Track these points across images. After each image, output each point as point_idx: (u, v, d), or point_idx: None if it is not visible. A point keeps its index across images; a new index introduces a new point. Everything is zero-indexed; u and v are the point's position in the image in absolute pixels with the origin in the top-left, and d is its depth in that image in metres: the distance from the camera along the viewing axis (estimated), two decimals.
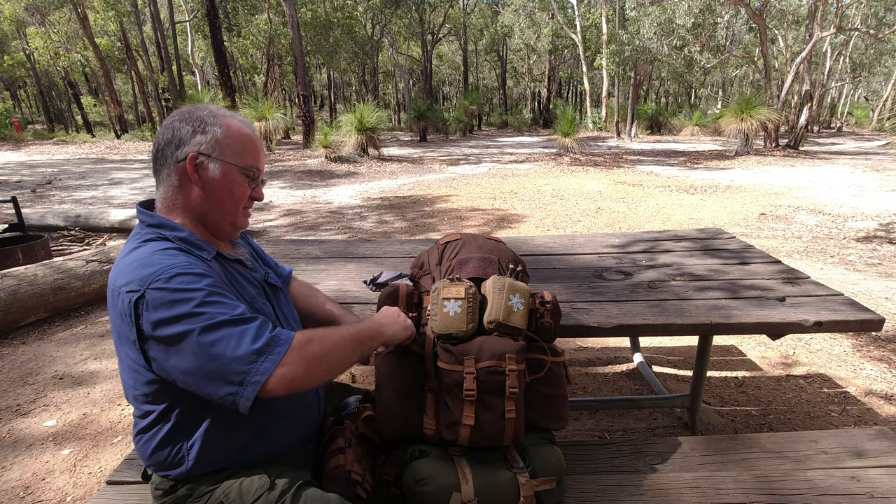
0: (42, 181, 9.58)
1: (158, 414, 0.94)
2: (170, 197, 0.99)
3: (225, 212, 1.02)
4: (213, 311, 0.85)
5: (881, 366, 2.62)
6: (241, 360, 0.83)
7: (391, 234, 5.70)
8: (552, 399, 1.20)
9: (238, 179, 1.00)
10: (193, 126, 0.97)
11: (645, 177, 9.76)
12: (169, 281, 0.85)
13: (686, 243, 2.19)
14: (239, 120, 1.02)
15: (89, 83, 31.38)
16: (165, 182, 0.99)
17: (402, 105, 35.04)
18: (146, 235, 0.95)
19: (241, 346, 0.84)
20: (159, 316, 0.83)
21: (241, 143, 1.00)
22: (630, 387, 2.46)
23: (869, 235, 5.22)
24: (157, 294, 0.84)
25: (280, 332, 0.90)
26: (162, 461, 0.97)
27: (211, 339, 0.83)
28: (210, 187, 0.98)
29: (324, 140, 12.48)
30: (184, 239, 0.96)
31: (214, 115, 0.99)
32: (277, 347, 0.86)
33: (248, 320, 0.87)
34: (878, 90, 34.44)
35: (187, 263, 0.89)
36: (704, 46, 16.10)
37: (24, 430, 2.20)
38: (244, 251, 1.14)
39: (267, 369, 0.84)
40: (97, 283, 3.57)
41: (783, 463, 1.30)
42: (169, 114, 1.05)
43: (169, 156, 0.97)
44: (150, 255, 0.89)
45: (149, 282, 0.84)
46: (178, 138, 0.97)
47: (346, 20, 23.30)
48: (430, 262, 1.37)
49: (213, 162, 0.97)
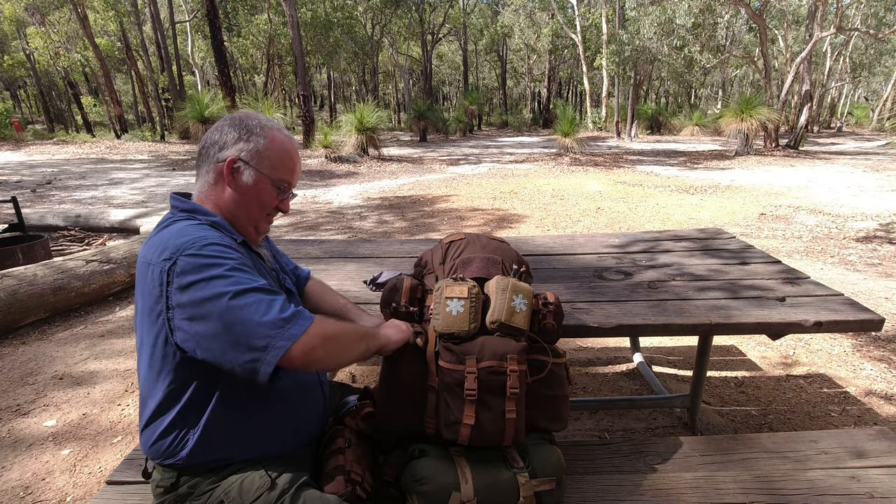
0: (42, 181, 9.58)
1: (168, 395, 0.96)
2: (205, 192, 1.05)
3: (250, 216, 1.06)
4: (243, 276, 0.90)
5: (881, 366, 2.62)
6: (269, 325, 0.87)
7: (391, 234, 5.70)
8: (553, 400, 1.20)
9: (268, 190, 1.05)
10: (239, 133, 1.03)
11: (645, 177, 9.76)
12: (202, 248, 0.90)
13: (686, 243, 2.19)
14: (284, 135, 1.07)
15: (89, 83, 31.37)
16: (203, 177, 1.05)
17: (402, 105, 35.04)
18: (178, 217, 1.00)
19: (270, 312, 0.88)
20: (190, 279, 0.87)
21: (279, 158, 1.05)
22: (630, 387, 2.46)
23: (869, 235, 5.22)
24: (188, 259, 0.88)
25: (302, 308, 0.95)
26: (164, 449, 0.98)
27: (241, 302, 0.87)
28: (241, 191, 1.03)
29: (324, 140, 12.48)
30: (215, 223, 1.01)
31: (262, 127, 1.04)
32: (302, 320, 0.91)
33: (275, 292, 0.93)
34: (878, 90, 34.45)
35: (220, 236, 0.95)
36: (704, 46, 16.09)
37: (24, 430, 2.20)
38: (265, 252, 1.17)
39: (293, 335, 0.88)
40: (97, 283, 3.57)
41: (783, 463, 1.30)
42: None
43: (212, 154, 1.03)
44: (182, 228, 0.95)
45: (182, 249, 0.89)
46: (223, 141, 1.03)
47: (346, 20, 23.29)
48: (433, 260, 1.37)
49: (249, 169, 1.03)
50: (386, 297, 1.26)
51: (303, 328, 0.90)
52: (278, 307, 0.90)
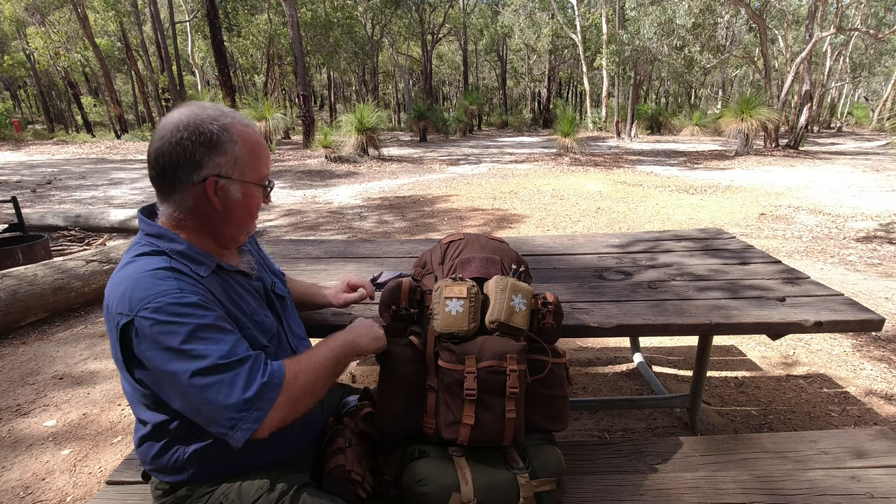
0: (42, 181, 9.58)
1: (158, 423, 0.94)
2: (177, 217, 0.95)
3: (242, 226, 1.01)
4: (202, 348, 0.83)
5: (881, 366, 2.62)
6: (232, 408, 0.83)
7: (391, 234, 5.70)
8: (553, 400, 1.20)
9: (256, 195, 1.00)
10: (208, 145, 0.90)
11: (645, 177, 9.75)
12: (157, 312, 0.82)
13: (686, 243, 2.19)
14: (245, 124, 0.97)
15: (89, 83, 31.38)
16: (177, 203, 0.94)
17: (402, 105, 35.03)
18: (142, 248, 0.93)
19: (232, 393, 0.83)
20: (149, 350, 0.83)
21: (254, 156, 0.96)
22: (630, 387, 2.46)
23: (869, 235, 5.22)
24: (145, 323, 0.82)
25: (272, 373, 0.88)
26: (162, 466, 0.97)
27: (201, 383, 0.82)
28: (231, 208, 0.96)
29: (324, 140, 12.49)
30: (181, 252, 0.92)
31: (226, 129, 0.92)
32: (269, 393, 0.86)
33: (239, 362, 0.85)
34: (878, 90, 34.45)
35: (178, 291, 0.85)
36: (704, 46, 16.09)
37: (24, 430, 2.20)
38: (250, 259, 1.10)
39: (258, 418, 0.84)
40: (97, 283, 3.57)
41: (783, 463, 1.30)
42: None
43: (184, 179, 0.91)
44: (140, 275, 0.86)
45: (137, 308, 0.83)
46: (194, 160, 0.90)
47: (346, 20, 23.30)
48: (432, 261, 1.37)
49: (235, 184, 0.94)
50: (385, 300, 1.26)
51: (269, 405, 0.85)
52: (241, 384, 0.83)
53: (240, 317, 0.96)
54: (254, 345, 0.95)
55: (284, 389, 0.88)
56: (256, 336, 0.98)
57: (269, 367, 0.89)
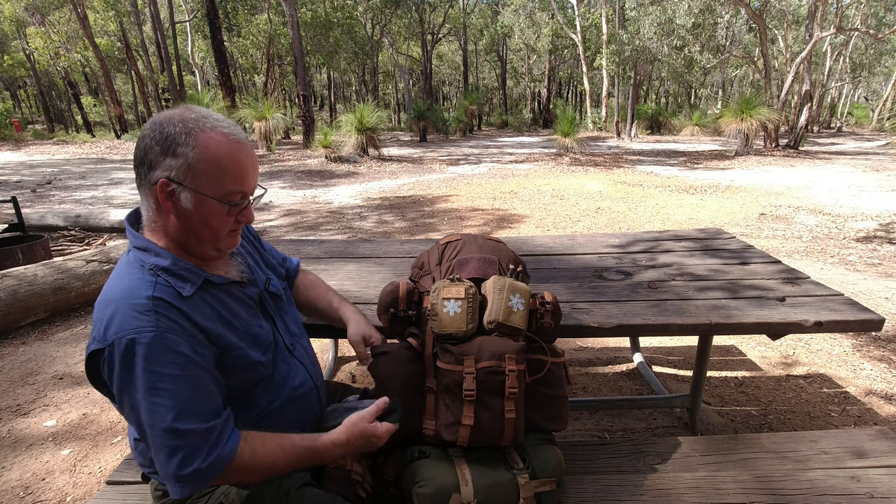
0: (42, 181, 9.58)
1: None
2: (150, 218, 0.91)
3: (203, 241, 0.91)
4: (158, 405, 0.81)
5: (881, 366, 2.62)
6: (164, 473, 0.83)
7: (391, 234, 5.70)
8: (552, 400, 1.20)
9: (216, 209, 0.88)
10: (162, 145, 0.84)
11: (645, 177, 9.75)
12: (128, 349, 0.80)
13: (686, 243, 2.19)
14: (221, 133, 0.87)
15: (89, 83, 31.38)
16: (145, 202, 0.90)
17: (402, 105, 35.03)
18: (129, 262, 0.89)
19: (168, 463, 0.81)
20: (113, 378, 0.82)
21: (218, 168, 0.86)
22: (630, 387, 2.46)
23: (869, 235, 5.22)
24: (114, 358, 0.81)
25: (216, 459, 0.83)
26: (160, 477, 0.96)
27: (152, 433, 0.81)
28: (184, 217, 0.88)
29: (324, 140, 12.48)
30: (165, 268, 0.88)
31: (189, 132, 0.84)
32: (201, 477, 0.83)
33: (186, 435, 0.81)
34: (878, 90, 34.44)
35: (153, 330, 0.81)
36: (704, 46, 16.10)
37: (24, 430, 2.20)
38: (239, 262, 1.06)
39: (182, 492, 0.83)
40: (97, 283, 3.57)
41: (783, 463, 1.30)
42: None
43: (143, 176, 0.87)
44: (121, 303, 0.83)
45: (110, 339, 0.80)
46: (149, 159, 0.85)
47: (346, 20, 23.30)
48: (430, 262, 1.37)
49: (185, 191, 0.85)
50: (383, 303, 1.25)
51: (201, 485, 0.83)
52: (177, 461, 0.81)
53: (229, 338, 0.92)
54: (244, 364, 0.94)
55: (229, 471, 0.85)
56: (248, 353, 0.95)
57: (216, 449, 0.83)
